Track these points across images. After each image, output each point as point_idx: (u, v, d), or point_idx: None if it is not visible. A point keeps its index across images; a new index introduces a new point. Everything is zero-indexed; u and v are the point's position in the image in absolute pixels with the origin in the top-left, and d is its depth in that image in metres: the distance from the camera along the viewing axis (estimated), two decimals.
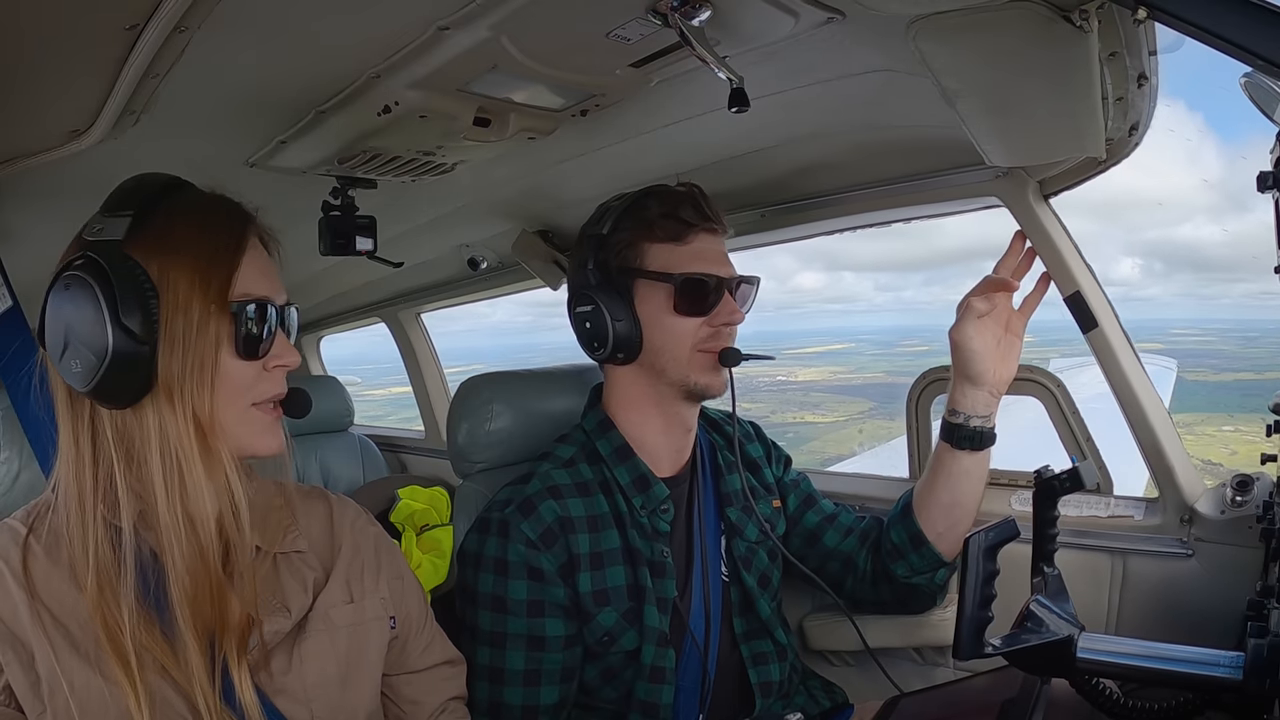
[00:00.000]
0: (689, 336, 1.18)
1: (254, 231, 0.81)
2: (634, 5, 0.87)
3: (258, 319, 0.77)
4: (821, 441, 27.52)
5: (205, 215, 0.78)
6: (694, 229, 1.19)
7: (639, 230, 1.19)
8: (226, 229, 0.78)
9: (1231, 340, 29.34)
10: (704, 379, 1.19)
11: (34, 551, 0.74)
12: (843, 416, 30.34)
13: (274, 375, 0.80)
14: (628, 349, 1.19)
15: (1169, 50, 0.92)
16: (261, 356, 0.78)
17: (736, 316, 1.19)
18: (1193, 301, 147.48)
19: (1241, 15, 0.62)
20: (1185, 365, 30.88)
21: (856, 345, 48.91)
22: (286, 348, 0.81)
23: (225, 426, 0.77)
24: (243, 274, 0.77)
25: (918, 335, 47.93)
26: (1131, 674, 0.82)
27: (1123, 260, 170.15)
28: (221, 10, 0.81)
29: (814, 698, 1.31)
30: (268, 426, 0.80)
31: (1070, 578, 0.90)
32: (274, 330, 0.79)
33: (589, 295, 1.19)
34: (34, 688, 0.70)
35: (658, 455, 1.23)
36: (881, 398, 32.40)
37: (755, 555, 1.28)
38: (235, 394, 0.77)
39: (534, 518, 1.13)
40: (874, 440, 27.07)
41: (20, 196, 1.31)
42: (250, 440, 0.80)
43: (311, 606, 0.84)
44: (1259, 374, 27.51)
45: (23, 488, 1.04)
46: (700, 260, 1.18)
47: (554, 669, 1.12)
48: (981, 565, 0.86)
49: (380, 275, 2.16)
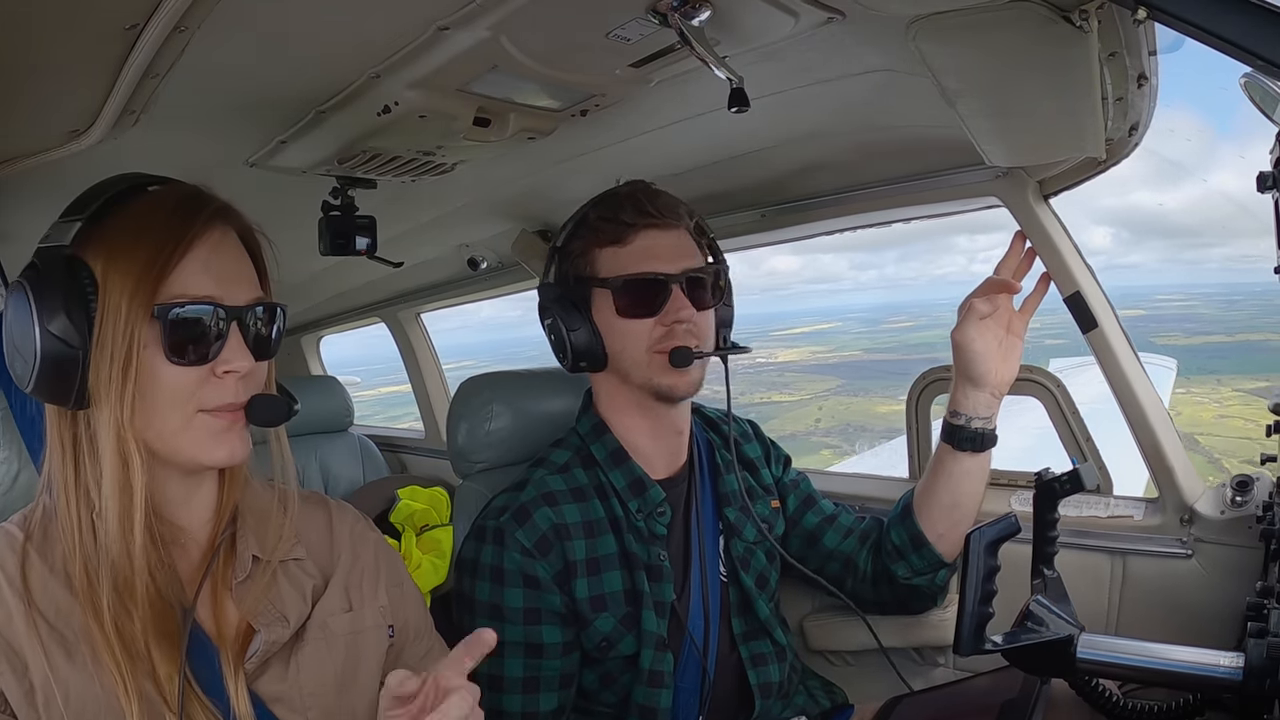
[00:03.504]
0: (642, 339, 1.17)
1: (212, 227, 0.76)
2: (634, 5, 0.87)
3: (193, 322, 0.72)
4: (780, 420, 27.60)
5: (150, 213, 0.74)
6: (634, 228, 1.17)
7: (587, 237, 1.19)
8: (167, 226, 0.73)
9: (1214, 304, 29.53)
10: (666, 380, 1.17)
11: (31, 558, 0.74)
12: (808, 395, 30.30)
13: (225, 382, 0.75)
14: (590, 358, 1.19)
15: (1169, 50, 0.92)
16: (204, 362, 0.74)
17: (685, 312, 1.16)
18: (1179, 267, 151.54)
19: (1241, 15, 0.62)
20: (1161, 330, 31.07)
21: (843, 324, 48.83)
22: (238, 352, 0.75)
23: (166, 434, 0.74)
24: (183, 273, 0.73)
25: (904, 312, 47.96)
26: (1131, 674, 0.82)
27: (1094, 229, 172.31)
28: (221, 10, 0.81)
29: (814, 698, 1.31)
30: (216, 435, 0.75)
31: (1070, 578, 0.91)
32: (220, 334, 0.74)
33: (548, 308, 1.21)
34: (28, 696, 0.69)
35: (651, 458, 1.23)
36: (850, 375, 32.43)
37: (753, 556, 1.28)
38: (175, 401, 0.73)
39: (529, 525, 1.13)
40: (831, 418, 27.08)
41: (20, 196, 1.31)
42: (195, 450, 0.75)
43: (310, 615, 0.84)
44: (1230, 336, 27.72)
45: (22, 488, 1.03)
46: (647, 259, 1.16)
47: (552, 676, 1.12)
48: (983, 561, 0.86)
49: (380, 275, 2.16)
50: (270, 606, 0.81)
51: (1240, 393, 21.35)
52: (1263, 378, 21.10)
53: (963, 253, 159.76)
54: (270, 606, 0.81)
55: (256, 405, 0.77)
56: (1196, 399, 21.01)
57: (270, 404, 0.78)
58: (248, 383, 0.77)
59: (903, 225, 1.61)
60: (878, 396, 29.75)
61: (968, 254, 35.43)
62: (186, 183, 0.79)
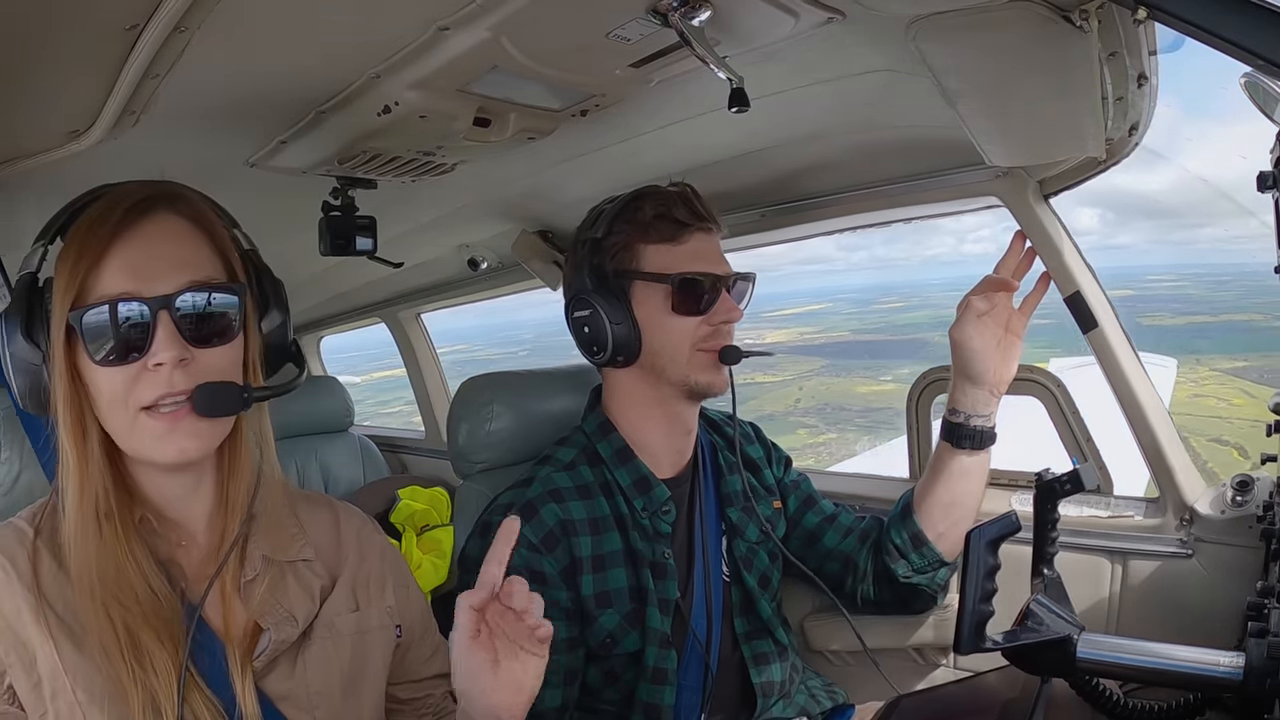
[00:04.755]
0: (688, 336, 1.18)
1: (137, 221, 0.74)
2: (634, 5, 0.87)
3: (106, 321, 0.72)
4: (760, 400, 27.54)
5: (85, 223, 0.75)
6: (688, 229, 1.19)
7: (634, 232, 1.19)
8: (90, 232, 0.74)
9: (1204, 285, 29.52)
10: (705, 378, 1.19)
11: (41, 552, 0.74)
12: (791, 375, 30.24)
13: (157, 375, 0.72)
14: (627, 352, 1.19)
15: (1169, 50, 0.92)
16: (135, 359, 0.72)
17: (734, 314, 1.20)
18: (1169, 248, 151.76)
19: (1241, 15, 0.62)
20: (1147, 310, 31.07)
21: (834, 305, 48.71)
22: (167, 343, 0.72)
23: (121, 436, 0.75)
24: (102, 274, 0.73)
25: (895, 292, 48.00)
26: (1131, 674, 0.82)
27: (1081, 210, 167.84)
28: (221, 10, 0.81)
29: (815, 698, 1.31)
30: (159, 433, 0.73)
31: (1070, 578, 0.90)
32: (146, 326, 0.72)
33: (586, 300, 1.20)
34: (36, 689, 0.70)
35: (658, 457, 1.23)
36: (835, 356, 32.46)
37: (756, 555, 1.28)
38: (113, 403, 0.73)
39: (535, 521, 1.13)
40: (811, 398, 27.06)
41: (20, 196, 1.31)
42: (145, 449, 0.75)
43: (317, 614, 0.84)
44: (1214, 316, 27.80)
45: (23, 488, 1.03)
46: (696, 259, 1.18)
47: (556, 672, 1.12)
48: (983, 559, 0.86)
49: (380, 275, 2.15)
50: (278, 606, 0.81)
51: (1217, 372, 21.37)
52: (1241, 358, 21.08)
53: (951, 233, 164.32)
54: (278, 606, 0.81)
55: (199, 395, 0.73)
56: (1169, 376, 21.02)
57: (216, 392, 0.74)
58: (186, 373, 0.73)
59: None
60: (859, 377, 29.77)
61: (956, 235, 34.93)
62: (133, 182, 0.79)
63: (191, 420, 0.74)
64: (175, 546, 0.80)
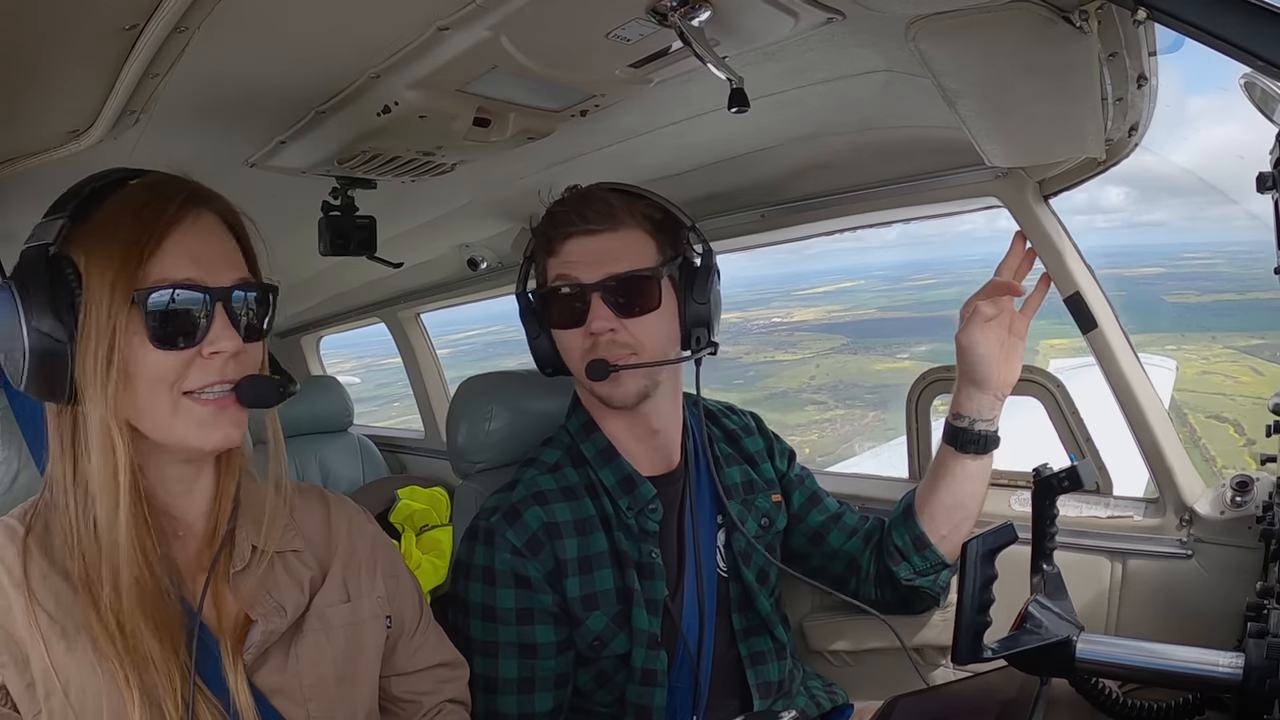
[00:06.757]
0: (575, 349, 1.15)
1: (188, 211, 0.76)
2: (634, 5, 0.87)
3: (174, 304, 0.72)
4: (776, 379, 27.42)
5: (128, 203, 0.75)
6: (562, 237, 1.14)
7: (538, 245, 1.19)
8: (143, 214, 0.74)
9: (1239, 262, 29.12)
10: (600, 390, 1.15)
11: (32, 551, 0.74)
12: (811, 354, 30.06)
13: (211, 363, 0.75)
14: (554, 364, 1.20)
15: (1169, 51, 0.92)
16: (191, 345, 0.74)
17: (597, 324, 1.10)
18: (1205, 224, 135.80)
19: (1241, 15, 0.62)
20: (1175, 289, 30.84)
21: (866, 282, 48.11)
22: (224, 333, 0.74)
23: (156, 420, 0.74)
24: (162, 258, 0.73)
25: (928, 270, 47.22)
26: (1131, 674, 0.82)
27: (1109, 189, 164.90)
28: (221, 10, 0.81)
29: (814, 698, 1.31)
30: (205, 419, 0.75)
31: (1070, 578, 0.90)
32: (205, 315, 0.74)
33: (521, 315, 1.22)
34: (29, 689, 0.70)
35: (637, 457, 1.22)
36: (858, 334, 32.21)
37: (754, 551, 1.28)
38: (159, 385, 0.73)
39: (519, 525, 1.12)
40: (825, 375, 27.06)
41: (20, 196, 1.31)
42: (184, 434, 0.75)
43: (308, 606, 0.84)
44: (1240, 294, 27.46)
45: (21, 488, 1.03)
46: (566, 267, 1.14)
47: (547, 676, 1.12)
48: (979, 570, 0.86)
49: (380, 275, 2.16)
50: (267, 596, 0.81)
51: (1231, 350, 21.11)
52: (1258, 335, 20.88)
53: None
54: (267, 596, 0.81)
55: (246, 386, 0.77)
56: (1186, 355, 20.90)
57: (261, 384, 0.77)
58: (237, 364, 0.76)
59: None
60: (877, 355, 29.50)
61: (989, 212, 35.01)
62: (165, 172, 0.79)
63: (235, 409, 0.77)
64: (172, 538, 0.80)
